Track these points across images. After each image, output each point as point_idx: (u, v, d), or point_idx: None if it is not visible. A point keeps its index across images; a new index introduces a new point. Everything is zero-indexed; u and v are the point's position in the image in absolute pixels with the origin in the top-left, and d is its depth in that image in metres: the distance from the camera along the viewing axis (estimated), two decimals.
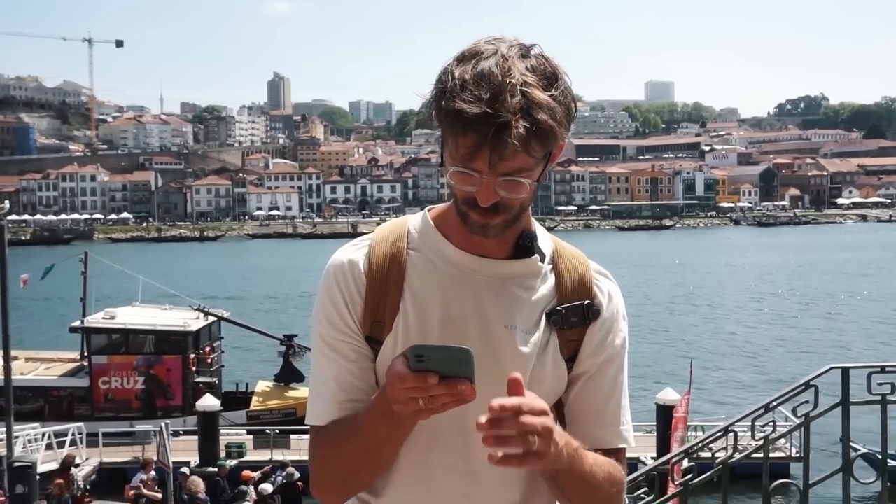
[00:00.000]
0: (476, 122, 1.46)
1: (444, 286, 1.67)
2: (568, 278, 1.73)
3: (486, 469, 1.68)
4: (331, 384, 1.68)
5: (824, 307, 51.94)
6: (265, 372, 28.38)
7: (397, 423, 1.52)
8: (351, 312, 1.67)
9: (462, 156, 1.51)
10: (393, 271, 1.68)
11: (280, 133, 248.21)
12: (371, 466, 1.64)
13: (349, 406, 1.66)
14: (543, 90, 1.49)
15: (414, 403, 1.43)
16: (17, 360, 23.55)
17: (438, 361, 1.38)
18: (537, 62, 1.53)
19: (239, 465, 19.93)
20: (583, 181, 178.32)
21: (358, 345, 1.68)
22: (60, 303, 48.56)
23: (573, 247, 1.80)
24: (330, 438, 1.66)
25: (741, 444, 4.41)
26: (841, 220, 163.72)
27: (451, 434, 1.68)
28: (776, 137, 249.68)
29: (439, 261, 1.68)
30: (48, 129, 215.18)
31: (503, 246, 1.68)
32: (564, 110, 1.52)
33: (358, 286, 1.68)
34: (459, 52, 1.55)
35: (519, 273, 1.69)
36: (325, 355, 1.69)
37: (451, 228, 1.68)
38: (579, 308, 1.70)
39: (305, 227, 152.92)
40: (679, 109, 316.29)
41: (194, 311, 26.56)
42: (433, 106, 1.53)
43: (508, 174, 1.50)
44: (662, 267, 77.70)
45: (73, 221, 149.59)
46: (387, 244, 1.70)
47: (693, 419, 21.59)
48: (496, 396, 1.62)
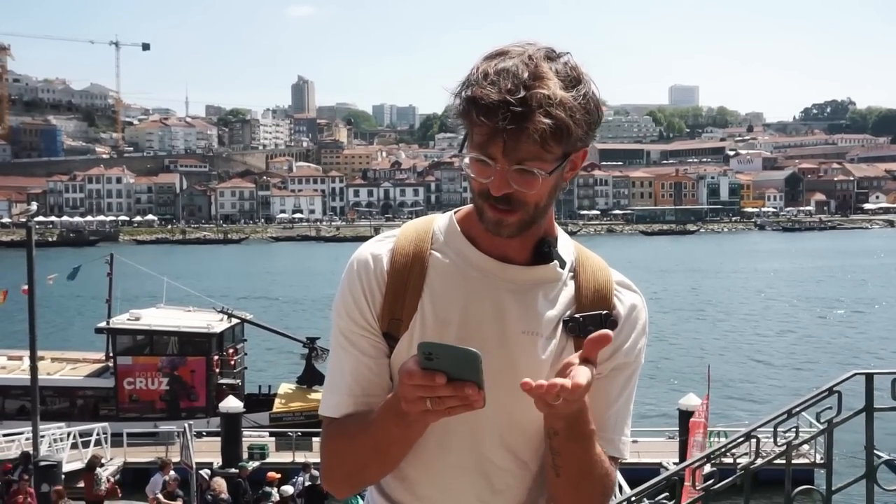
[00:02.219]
0: (493, 108, 1.48)
1: (464, 288, 1.67)
2: (588, 287, 1.73)
3: (497, 471, 1.72)
4: (347, 377, 1.69)
5: (849, 312, 51.53)
6: (288, 374, 28.53)
7: (409, 424, 1.52)
8: (371, 307, 1.68)
9: (478, 143, 1.53)
10: (414, 270, 1.68)
11: (304, 136, 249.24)
12: (380, 464, 1.65)
13: (364, 401, 1.67)
14: (564, 90, 1.51)
15: (422, 404, 1.43)
16: (44, 360, 23.83)
17: (447, 361, 1.38)
18: (563, 66, 1.54)
19: (261, 467, 20.04)
20: (606, 185, 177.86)
21: (376, 340, 1.69)
22: (86, 304, 49.02)
23: (597, 256, 1.80)
24: (342, 432, 1.67)
25: (764, 450, 4.39)
26: (867, 226, 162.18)
27: (463, 436, 1.69)
28: (802, 142, 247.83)
29: (461, 263, 1.69)
30: (75, 131, 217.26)
31: (524, 250, 1.69)
32: (584, 114, 1.53)
33: (379, 282, 1.69)
34: (489, 51, 1.57)
35: (539, 279, 1.69)
36: (343, 348, 1.71)
37: (476, 231, 1.69)
38: (597, 317, 1.70)
39: (328, 231, 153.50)
40: (703, 114, 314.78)
41: (218, 313, 26.75)
42: (456, 99, 1.55)
43: (521, 164, 1.52)
44: (685, 272, 77.33)
45: (98, 223, 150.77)
46: (411, 242, 1.71)
47: (715, 424, 21.49)
48: (511, 401, 1.64)
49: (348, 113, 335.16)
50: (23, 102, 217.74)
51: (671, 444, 20.85)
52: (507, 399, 1.65)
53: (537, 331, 1.68)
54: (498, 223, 1.59)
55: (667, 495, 4.74)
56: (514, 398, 1.63)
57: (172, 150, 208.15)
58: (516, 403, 1.65)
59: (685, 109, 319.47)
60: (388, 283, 1.68)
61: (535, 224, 1.63)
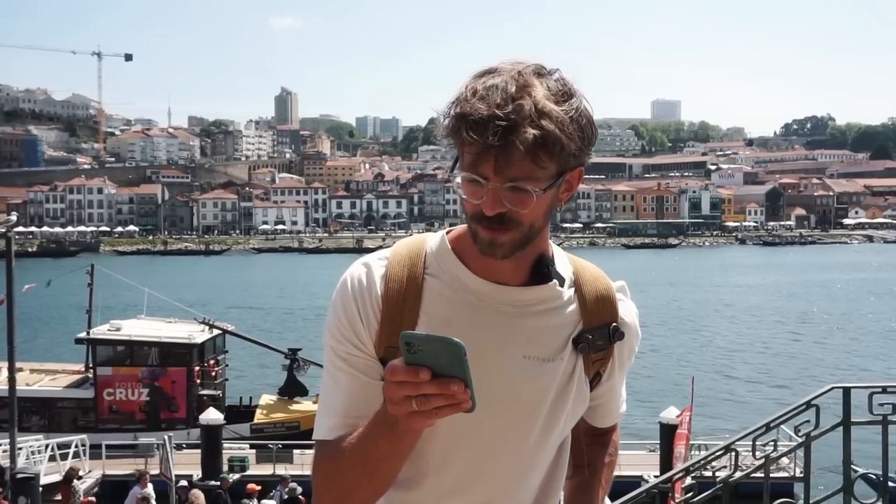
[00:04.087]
0: (482, 124, 1.45)
1: (461, 314, 1.63)
2: (591, 300, 1.71)
3: (499, 496, 1.71)
4: (342, 399, 1.62)
5: (827, 327, 51.85)
6: (269, 385, 28.40)
7: (399, 436, 1.45)
8: (366, 330, 1.63)
9: (469, 163, 1.50)
10: (409, 296, 1.63)
11: (287, 148, 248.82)
12: (370, 483, 1.56)
13: (358, 423, 1.58)
14: (556, 104, 1.49)
15: (407, 404, 1.34)
16: (22, 371, 23.59)
17: (430, 354, 1.32)
18: (554, 81, 1.52)
19: (242, 479, 19.91)
20: (588, 199, 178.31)
21: (372, 362, 1.63)
22: (66, 314, 48.65)
23: (592, 265, 1.79)
24: (333, 453, 1.59)
25: (743, 463, 4.42)
26: (847, 241, 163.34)
27: (463, 463, 1.66)
28: (782, 157, 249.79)
29: (457, 286, 1.64)
30: (56, 141, 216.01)
31: (520, 272, 1.65)
32: (577, 128, 1.50)
33: (374, 307, 1.63)
34: (479, 69, 1.55)
35: (538, 300, 1.66)
36: (338, 369, 1.64)
37: (470, 254, 1.63)
38: (605, 331, 1.70)
39: (311, 242, 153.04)
40: (685, 128, 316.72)
41: (199, 324, 26.62)
42: (445, 119, 1.52)
43: (514, 182, 1.48)
44: (665, 285, 77.59)
45: (79, 234, 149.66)
46: (404, 267, 1.65)
47: (695, 437, 21.54)
48: (515, 426, 1.65)
49: (331, 125, 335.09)
50: (3, 112, 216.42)
51: (652, 456, 20.88)
52: (512, 425, 1.65)
53: (539, 355, 1.65)
54: (491, 243, 1.54)
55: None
56: (519, 424, 1.65)
57: (154, 161, 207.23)
58: (518, 430, 1.65)
59: (667, 123, 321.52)
60: (383, 310, 1.63)
61: (530, 244, 1.58)
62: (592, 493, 1.90)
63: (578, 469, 1.90)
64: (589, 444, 1.92)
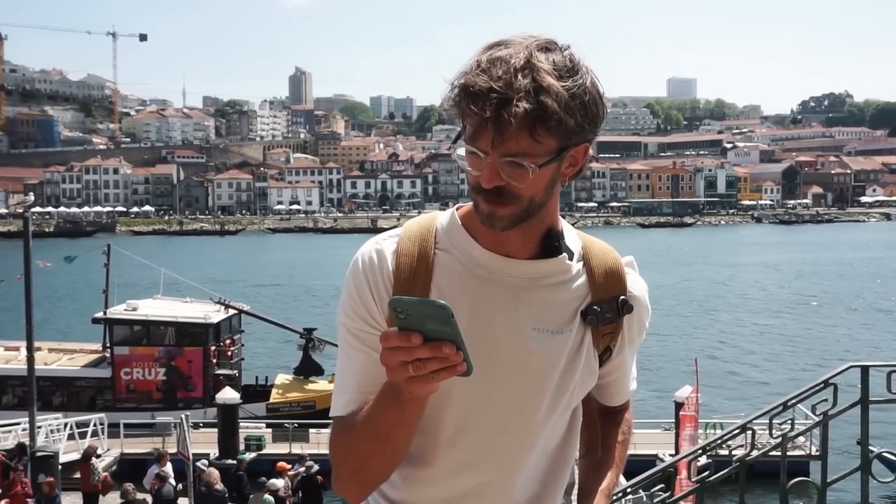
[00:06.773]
0: (480, 96, 1.45)
1: (471, 287, 1.64)
2: (600, 274, 1.72)
3: (509, 468, 1.71)
4: (357, 375, 1.65)
5: (845, 305, 51.59)
6: (285, 365, 28.54)
7: (404, 404, 1.48)
8: (378, 307, 1.64)
9: (469, 135, 1.51)
10: (420, 271, 1.65)
11: (301, 128, 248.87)
12: (381, 454, 1.58)
13: (371, 399, 1.61)
14: (558, 79, 1.47)
15: (404, 370, 1.36)
16: (40, 350, 23.81)
17: (419, 318, 1.34)
18: (561, 56, 1.51)
19: (258, 458, 20.03)
20: (603, 178, 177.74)
21: None
22: (83, 294, 48.96)
23: (600, 240, 1.79)
24: (346, 427, 1.62)
25: (759, 442, 4.40)
26: (864, 219, 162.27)
27: (475, 435, 1.67)
28: (799, 135, 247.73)
29: (466, 261, 1.66)
30: (72, 122, 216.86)
31: (529, 245, 1.66)
32: (580, 104, 1.49)
33: (385, 284, 1.65)
34: (489, 41, 1.55)
35: (547, 273, 1.67)
36: (352, 346, 1.66)
37: (479, 228, 1.64)
38: (613, 304, 1.71)
39: (326, 222, 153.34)
40: (701, 106, 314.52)
41: (215, 304, 26.75)
42: (450, 90, 1.52)
43: (511, 156, 1.48)
44: (682, 264, 77.37)
45: (95, 214, 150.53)
46: (414, 243, 1.67)
47: (711, 416, 21.52)
48: (526, 398, 1.65)
49: (345, 104, 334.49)
50: (20, 93, 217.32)
51: (667, 435, 20.89)
52: (523, 397, 1.65)
53: (548, 327, 1.66)
54: (490, 216, 1.55)
55: (662, 487, 4.76)
56: (529, 396, 1.65)
57: (170, 141, 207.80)
58: (528, 401, 1.66)
59: (683, 102, 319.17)
60: (394, 285, 1.64)
61: (531, 218, 1.59)
62: (606, 471, 1.89)
63: (592, 448, 1.90)
64: (602, 423, 1.92)
